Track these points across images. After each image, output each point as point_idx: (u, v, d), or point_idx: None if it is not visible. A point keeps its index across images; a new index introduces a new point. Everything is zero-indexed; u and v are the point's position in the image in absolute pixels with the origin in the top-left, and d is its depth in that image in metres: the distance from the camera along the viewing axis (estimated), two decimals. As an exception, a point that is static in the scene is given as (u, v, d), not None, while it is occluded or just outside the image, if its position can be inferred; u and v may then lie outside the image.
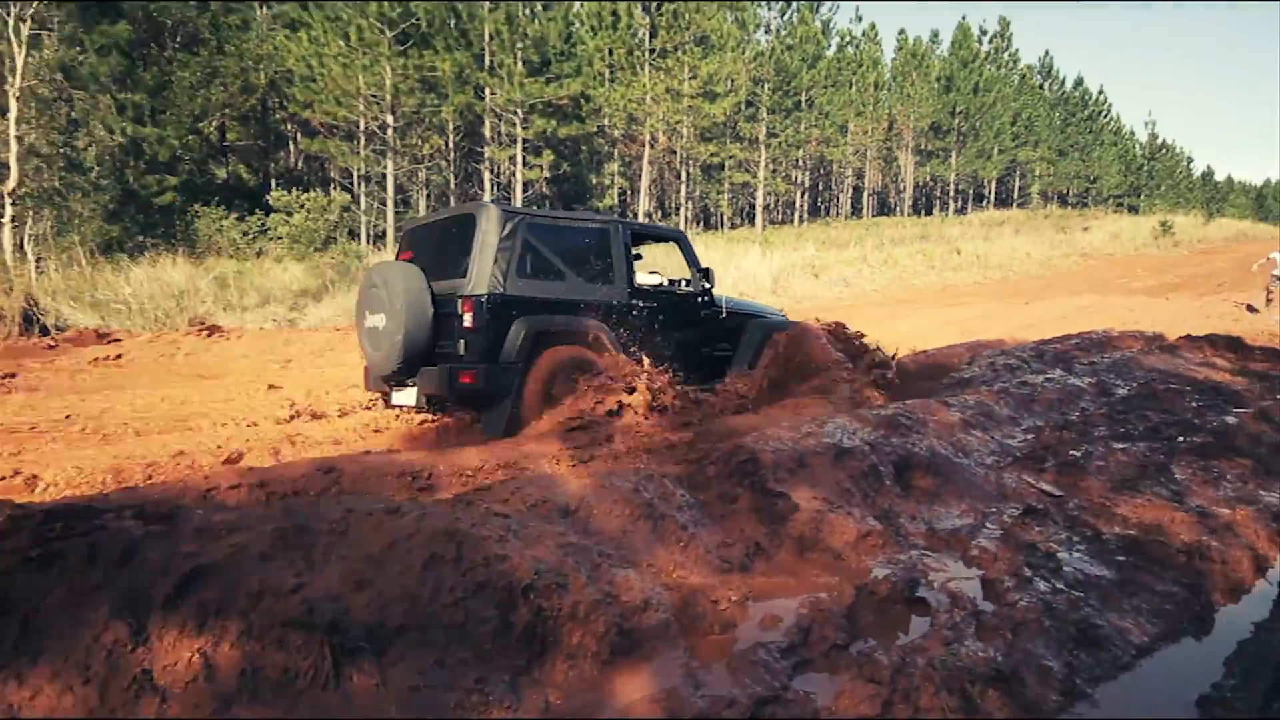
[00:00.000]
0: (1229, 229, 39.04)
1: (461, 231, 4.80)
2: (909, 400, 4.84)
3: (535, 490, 2.64)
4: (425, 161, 25.66)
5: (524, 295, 4.73)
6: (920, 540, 3.20)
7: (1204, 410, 5.73)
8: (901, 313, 15.21)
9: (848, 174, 47.88)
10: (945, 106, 44.21)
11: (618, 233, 5.37)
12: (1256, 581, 3.22)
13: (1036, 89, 51.89)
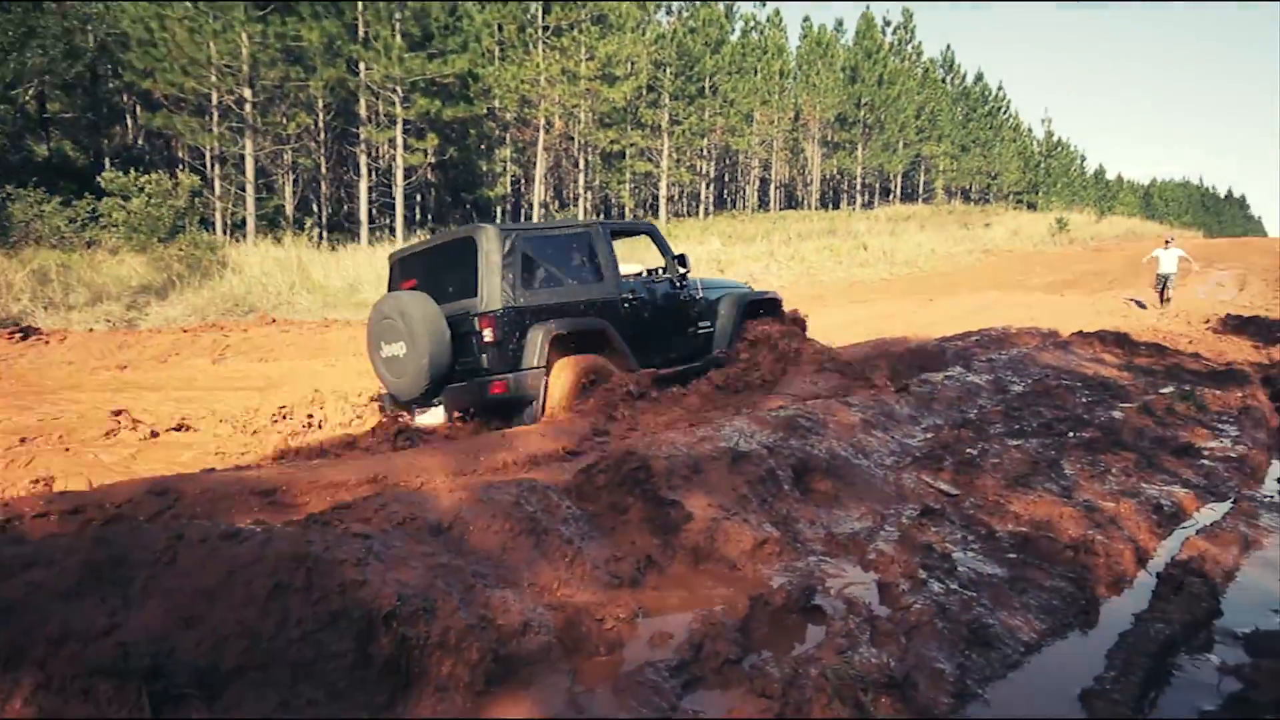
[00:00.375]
0: (1119, 227, 42.63)
1: (462, 254, 5.35)
2: (809, 400, 5.01)
3: (403, 507, 2.56)
4: (291, 142, 24.54)
5: (532, 305, 5.37)
6: (818, 546, 3.31)
7: (1093, 405, 6.22)
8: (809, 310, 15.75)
9: (754, 165, 49.21)
10: (851, 98, 46.17)
11: (600, 234, 6.03)
12: (1138, 573, 3.51)
13: (939, 83, 55.00)
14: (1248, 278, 20.81)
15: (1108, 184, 78.04)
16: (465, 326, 5.31)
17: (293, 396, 7.00)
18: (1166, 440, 5.54)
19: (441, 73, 24.66)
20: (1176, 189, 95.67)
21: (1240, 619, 3.03)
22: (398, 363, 5.36)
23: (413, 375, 5.25)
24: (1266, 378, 8.01)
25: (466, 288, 5.34)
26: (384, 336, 5.44)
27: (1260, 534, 3.97)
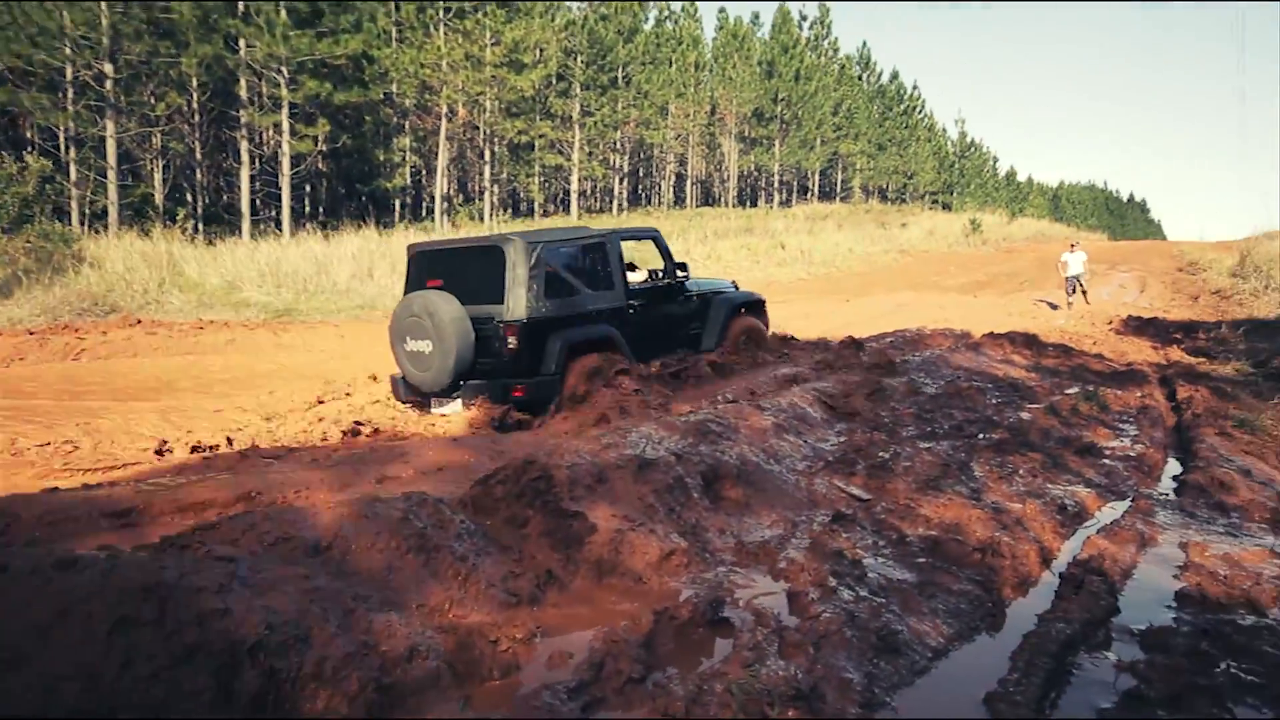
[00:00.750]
0: (1029, 228, 45.07)
1: (490, 261, 5.97)
2: (721, 404, 5.08)
3: (276, 526, 2.45)
4: (161, 124, 23.30)
5: (552, 315, 5.97)
6: (728, 555, 3.36)
7: (1003, 407, 6.54)
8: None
9: (669, 160, 49.71)
10: (768, 93, 47.22)
11: (613, 244, 6.70)
12: (1042, 573, 3.70)
13: (856, 80, 56.89)
14: (1148, 280, 22.33)
15: (1019, 186, 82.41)
16: (488, 330, 5.92)
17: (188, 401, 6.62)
18: (1071, 440, 5.88)
19: (332, 53, 23.91)
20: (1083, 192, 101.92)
21: (1137, 616, 3.23)
22: (423, 358, 6.00)
23: (437, 371, 5.91)
24: (1163, 377, 8.61)
25: (491, 293, 5.95)
26: (410, 333, 6.03)
27: (1156, 531, 4.25)
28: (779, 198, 52.42)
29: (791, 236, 31.22)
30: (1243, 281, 18.97)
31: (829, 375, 6.78)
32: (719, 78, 47.38)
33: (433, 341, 5.87)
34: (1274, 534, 4.33)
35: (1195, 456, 5.63)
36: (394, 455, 4.04)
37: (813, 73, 49.38)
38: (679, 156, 50.25)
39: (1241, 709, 2.50)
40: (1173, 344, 11.36)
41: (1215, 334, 11.84)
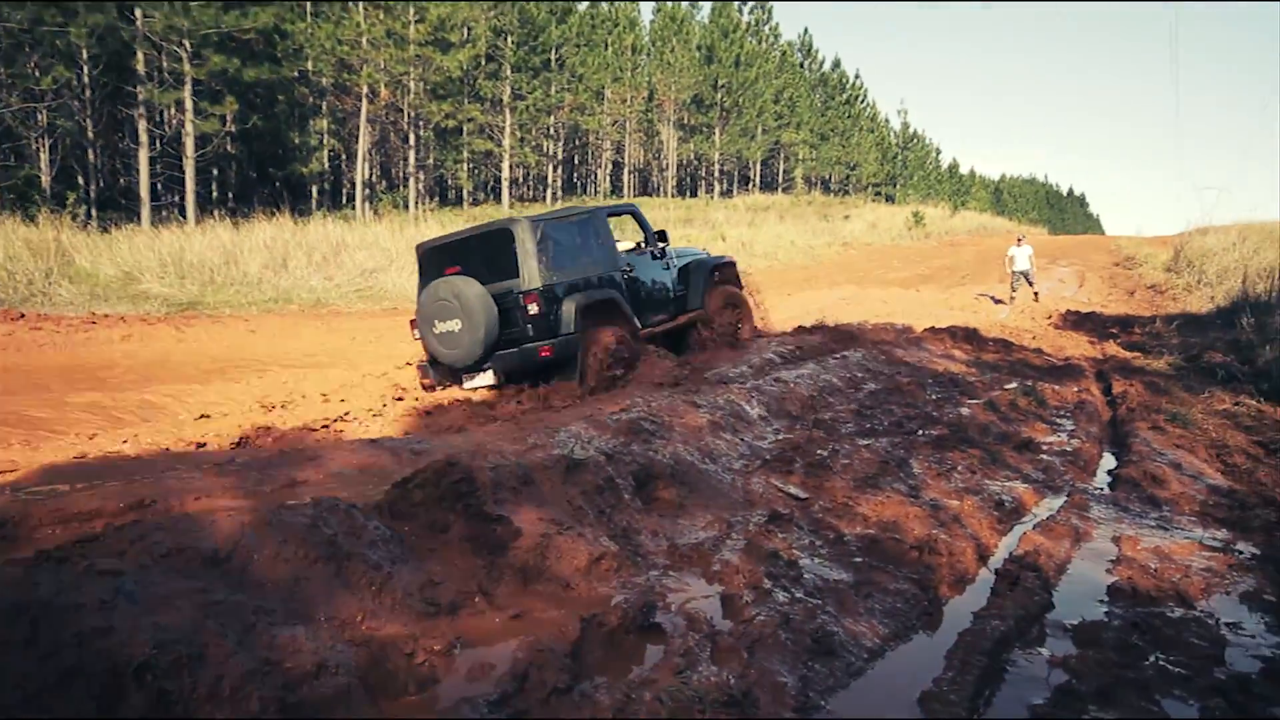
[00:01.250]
0: (972, 222, 46.44)
1: (499, 243, 6.87)
2: (654, 402, 5.10)
3: (170, 536, 2.36)
4: (48, 100, 22.24)
5: (562, 281, 6.87)
6: (661, 559, 3.37)
7: (943, 403, 6.72)
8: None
9: (606, 147, 49.64)
10: (707, 79, 47.53)
11: (600, 218, 7.71)
12: (979, 570, 3.82)
13: (797, 68, 57.70)
14: (1086, 274, 23.21)
15: (961, 178, 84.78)
16: (509, 302, 6.75)
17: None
18: (1009, 436, 6.08)
19: (240, 26, 23.16)
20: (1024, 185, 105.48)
21: (1070, 611, 3.36)
22: (452, 337, 6.77)
23: (468, 346, 6.69)
24: (1100, 372, 8.97)
25: (506, 270, 6.80)
26: (438, 315, 6.81)
27: (1090, 526, 4.43)
28: (719, 188, 52.86)
29: (732, 228, 31.52)
30: (1177, 276, 19.88)
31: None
32: (657, 62, 47.49)
33: (461, 320, 6.70)
34: (1202, 527, 4.55)
35: (1129, 451, 5.88)
36: (305, 458, 3.93)
37: (753, 59, 49.88)
38: (616, 144, 50.22)
39: (1168, 701, 2.62)
40: (1109, 339, 11.84)
41: (1150, 329, 12.39)
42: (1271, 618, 3.39)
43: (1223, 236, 19.93)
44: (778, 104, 52.56)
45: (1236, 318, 10.72)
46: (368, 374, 7.92)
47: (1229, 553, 4.12)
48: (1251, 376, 8.18)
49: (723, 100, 48.95)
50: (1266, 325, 9.87)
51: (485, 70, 36.24)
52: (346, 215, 28.01)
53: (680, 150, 50.48)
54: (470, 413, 6.28)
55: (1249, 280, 13.33)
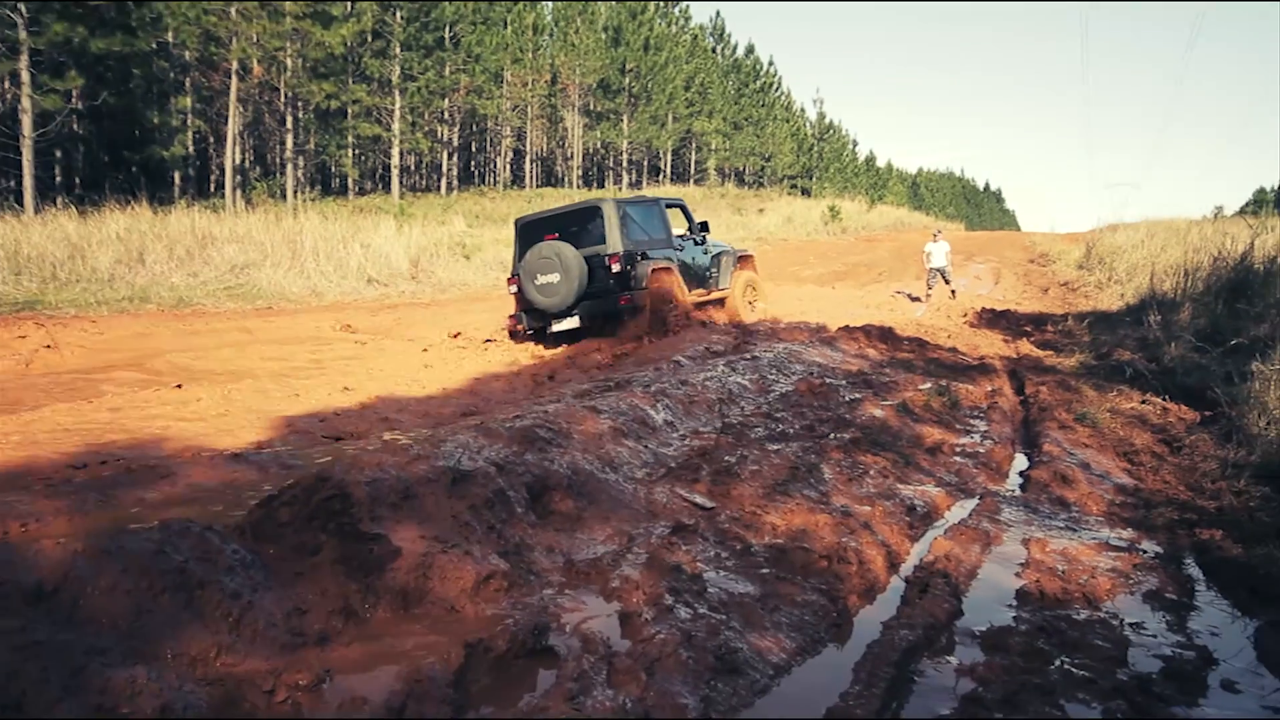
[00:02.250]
0: (889, 216, 47.98)
1: (590, 217, 9.71)
2: (550, 408, 5.07)
3: (-15, 569, 2.21)
4: None
5: (635, 250, 9.61)
6: (555, 576, 3.35)
7: (856, 405, 6.90)
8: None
9: (506, 134, 49.26)
10: (614, 62, 47.69)
11: (661, 204, 10.90)
12: (889, 579, 3.94)
13: (709, 53, 58.49)
14: (1002, 271, 24.28)
15: (878, 172, 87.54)
16: (596, 263, 9.54)
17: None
18: (922, 438, 6.29)
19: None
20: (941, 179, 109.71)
21: (979, 617, 3.50)
22: (551, 287, 9.43)
23: (564, 294, 9.39)
24: (1013, 371, 9.39)
25: (594, 238, 9.69)
26: (541, 270, 9.42)
27: (1001, 529, 4.62)
28: (628, 179, 53.11)
29: (641, 222, 31.67)
30: (1089, 274, 20.99)
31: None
32: (560, 44, 47.42)
33: (559, 274, 9.37)
34: (1110, 527, 4.81)
35: (1040, 451, 6.17)
36: (156, 476, 3.76)
37: (663, 42, 50.33)
38: (516, 130, 49.90)
39: (1071, 704, 2.75)
40: (1023, 337, 12.41)
41: (1063, 326, 13.04)
42: (1172, 616, 3.61)
43: (1132, 233, 21.17)
44: (689, 91, 53.16)
45: (1144, 315, 11.38)
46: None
47: (1134, 552, 4.37)
48: (1158, 374, 8.69)
49: (631, 86, 49.21)
50: (1172, 323, 10.52)
51: (372, 48, 35.44)
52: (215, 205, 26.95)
53: (586, 138, 50.50)
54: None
55: (1156, 278, 14.18)
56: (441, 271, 20.28)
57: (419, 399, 7.07)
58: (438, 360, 8.91)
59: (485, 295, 18.15)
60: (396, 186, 37.62)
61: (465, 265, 21.38)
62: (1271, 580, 3.85)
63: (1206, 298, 10.83)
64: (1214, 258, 11.27)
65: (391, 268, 18.86)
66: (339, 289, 17.01)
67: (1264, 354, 6.52)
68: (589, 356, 9.05)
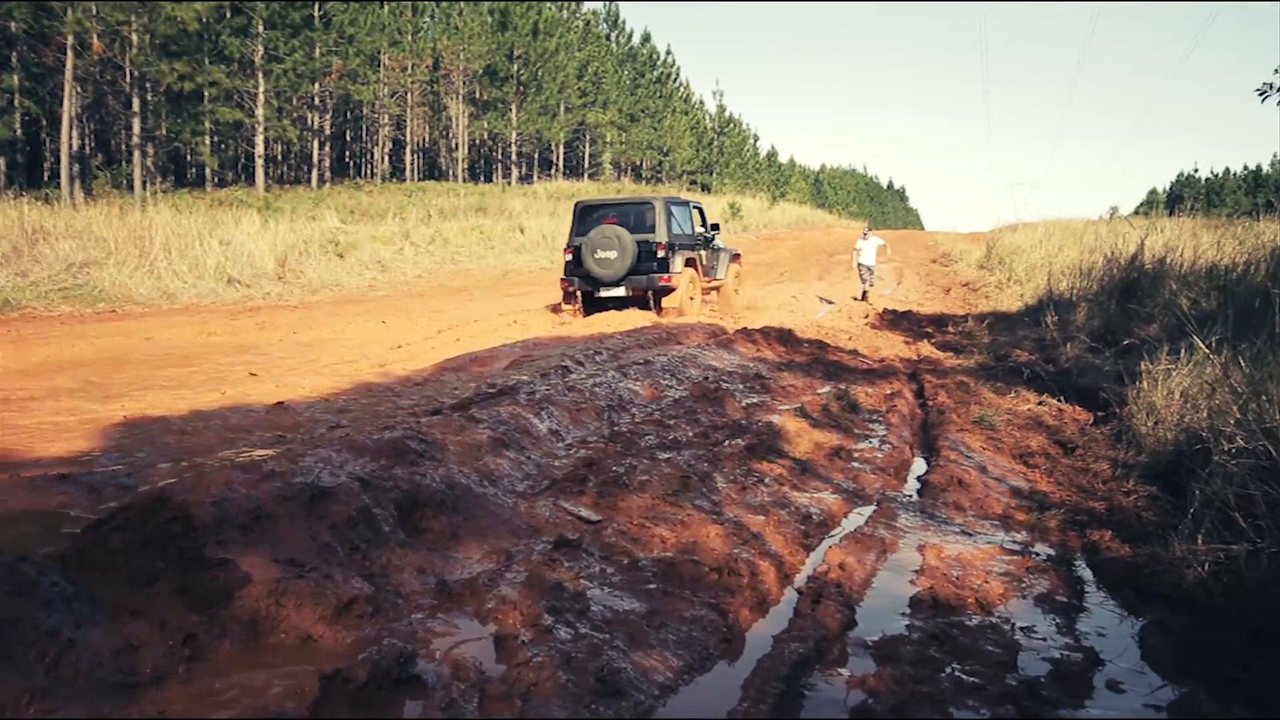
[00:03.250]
0: (791, 214, 49.15)
1: (644, 209, 12.95)
2: (424, 419, 5.00)
3: None
4: None
5: (674, 241, 12.71)
6: (426, 599, 3.30)
7: (752, 410, 7.04)
8: (451, 305, 15.83)
9: (384, 122, 48.35)
10: (501, 48, 47.40)
11: (691, 205, 14.36)
12: (783, 591, 4.02)
13: (603, 40, 58.75)
14: (905, 271, 25.18)
15: (780, 167, 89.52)
16: (646, 247, 12.60)
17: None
18: (820, 443, 6.46)
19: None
20: (845, 176, 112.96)
21: (872, 626, 3.61)
22: (609, 262, 12.46)
23: (618, 268, 12.40)
24: (913, 373, 9.74)
25: (644, 227, 12.82)
26: (602, 247, 12.47)
27: (897, 536, 4.78)
28: (518, 172, 52.84)
29: (532, 218, 31.56)
30: (989, 274, 21.97)
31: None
32: (443, 26, 46.85)
33: (617, 252, 12.44)
34: (1005, 530, 5.04)
35: (938, 455, 6.41)
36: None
37: (554, 28, 50.30)
38: (396, 119, 49.03)
39: (961, 712, 2.87)
40: (924, 338, 12.89)
41: (963, 328, 13.61)
42: (1062, 619, 3.80)
43: (1031, 233, 22.25)
44: (582, 80, 53.26)
45: (1042, 316, 11.97)
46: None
47: (1027, 555, 4.59)
48: (1054, 375, 9.16)
49: (520, 73, 48.99)
50: (1068, 323, 11.10)
51: (231, 24, 34.22)
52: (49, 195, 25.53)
53: (472, 129, 50.01)
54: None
55: (1053, 278, 14.95)
56: (312, 271, 19.74)
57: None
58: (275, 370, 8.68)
59: (360, 297, 17.75)
60: (261, 178, 36.40)
61: (339, 265, 20.87)
62: (1156, 579, 4.10)
63: (1101, 298, 11.47)
64: (1107, 258, 11.94)
65: (255, 267, 18.24)
66: (194, 290, 16.34)
67: (1152, 354, 6.93)
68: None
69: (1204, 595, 3.82)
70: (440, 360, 8.86)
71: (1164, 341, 7.64)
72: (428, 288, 20.26)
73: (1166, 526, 4.68)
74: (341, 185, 42.52)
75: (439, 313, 13.65)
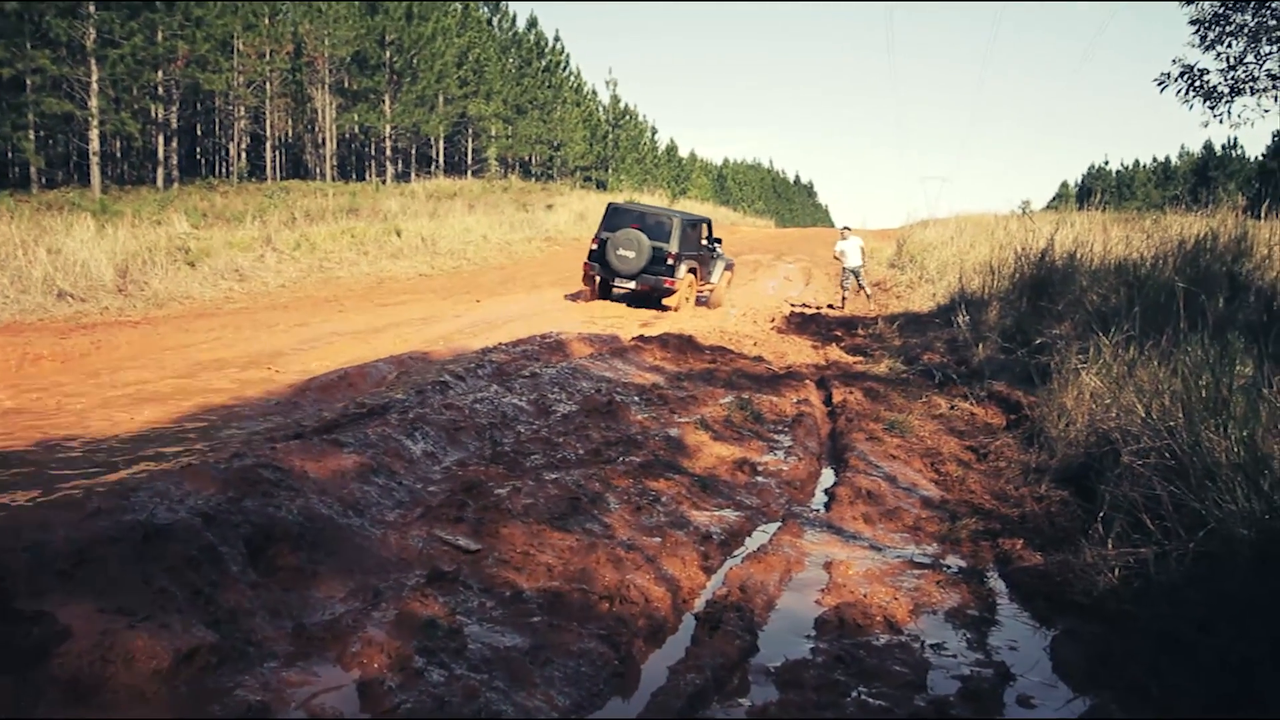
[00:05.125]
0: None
1: (662, 222, 16.34)
2: (281, 444, 4.87)
3: None
4: None
5: (682, 251, 15.98)
6: (282, 645, 3.20)
7: (648, 423, 7.07)
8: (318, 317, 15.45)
9: (240, 115, 47.02)
10: (371, 32, 46.66)
11: (701, 219, 17.91)
12: (681, 618, 4.05)
13: (484, 25, 58.42)
14: (813, 271, 25.71)
15: (681, 162, 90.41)
16: (658, 253, 15.63)
17: None
18: (722, 457, 6.53)
19: None
20: (749, 171, 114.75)
21: (775, 652, 3.66)
22: (627, 260, 15.55)
23: (634, 265, 15.55)
24: (821, 379, 9.95)
25: (660, 235, 15.82)
26: (624, 246, 15.56)
27: (803, 553, 4.86)
28: (393, 170, 52.03)
29: (410, 220, 31.08)
30: (900, 272, 22.62)
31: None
32: (304, 9, 45.80)
33: (635, 252, 15.45)
34: (915, 543, 5.18)
35: (847, 466, 6.56)
36: None
37: (429, 12, 49.73)
38: (253, 111, 47.72)
39: (865, 738, 2.93)
40: (833, 342, 13.19)
41: (873, 330, 13.97)
42: (973, 634, 3.93)
43: (942, 229, 23.00)
44: (462, 68, 52.81)
45: (954, 315, 12.37)
46: None
47: (938, 568, 4.73)
48: (966, 377, 9.48)
49: (393, 61, 48.28)
50: (980, 323, 11.50)
51: (57, 4, 32.79)
52: None
53: (341, 122, 49.05)
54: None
55: (965, 276, 15.48)
56: (158, 282, 18.97)
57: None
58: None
59: (215, 310, 17.20)
60: (97, 178, 34.90)
61: (189, 274, 20.12)
62: (1067, 587, 4.28)
63: (1012, 296, 11.92)
64: (1018, 255, 12.42)
65: (90, 278, 17.44)
66: (17, 305, 15.54)
67: (1063, 354, 7.24)
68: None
69: (1114, 601, 3.99)
70: (304, 378, 8.63)
71: (1075, 340, 7.99)
72: (292, 298, 19.73)
73: (1078, 532, 4.89)
74: (193, 185, 41.09)
75: (304, 326, 13.29)
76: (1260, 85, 11.30)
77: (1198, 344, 5.49)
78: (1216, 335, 5.80)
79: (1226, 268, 8.40)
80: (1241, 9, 10.99)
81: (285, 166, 51.29)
